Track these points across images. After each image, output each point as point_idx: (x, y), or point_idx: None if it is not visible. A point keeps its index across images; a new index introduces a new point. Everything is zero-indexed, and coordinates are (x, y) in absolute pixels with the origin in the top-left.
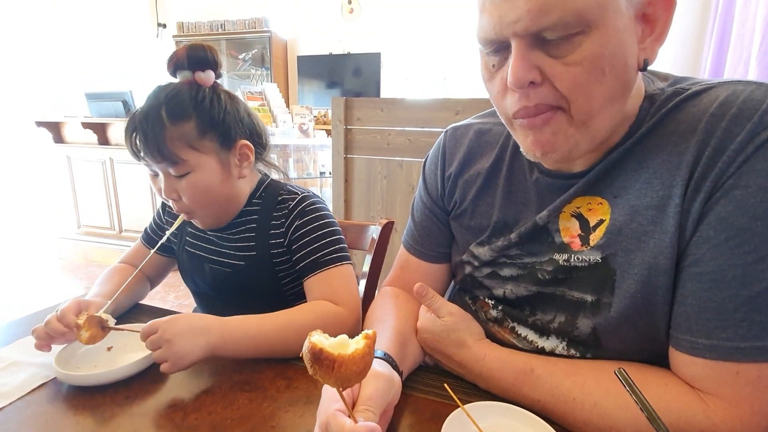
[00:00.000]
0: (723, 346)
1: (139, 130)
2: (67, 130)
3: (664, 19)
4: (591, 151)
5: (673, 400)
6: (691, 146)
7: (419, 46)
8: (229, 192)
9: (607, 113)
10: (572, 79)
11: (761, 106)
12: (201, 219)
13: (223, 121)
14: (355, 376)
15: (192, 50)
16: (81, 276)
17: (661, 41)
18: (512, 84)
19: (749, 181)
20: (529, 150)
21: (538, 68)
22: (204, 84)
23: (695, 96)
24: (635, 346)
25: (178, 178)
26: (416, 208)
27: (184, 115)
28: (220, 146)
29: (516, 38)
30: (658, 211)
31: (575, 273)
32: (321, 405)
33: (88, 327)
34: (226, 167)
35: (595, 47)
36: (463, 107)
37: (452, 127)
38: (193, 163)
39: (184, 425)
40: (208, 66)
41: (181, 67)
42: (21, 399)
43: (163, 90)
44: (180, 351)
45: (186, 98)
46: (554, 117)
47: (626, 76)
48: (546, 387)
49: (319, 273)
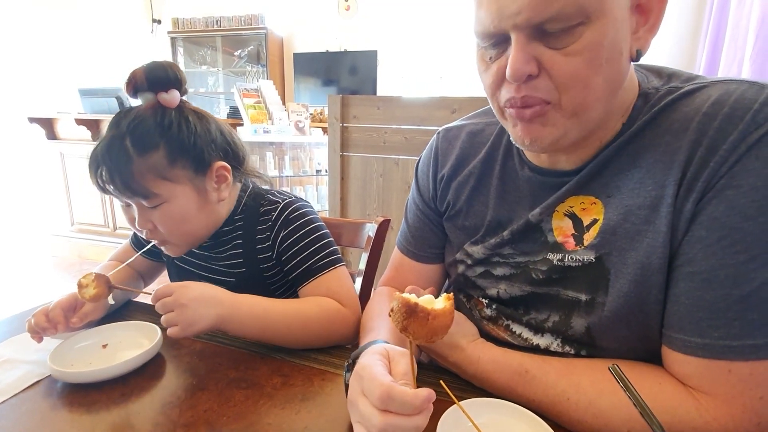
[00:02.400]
0: (715, 344)
1: (103, 164)
2: (60, 126)
3: (657, 9)
4: (581, 140)
5: (667, 399)
6: (683, 146)
7: (416, 45)
8: (208, 217)
9: (601, 104)
10: (571, 70)
11: (753, 105)
12: (175, 248)
13: (195, 146)
14: (443, 329)
15: (151, 70)
16: (74, 273)
17: (654, 31)
18: (511, 77)
19: (741, 181)
20: (517, 138)
21: (536, 60)
22: (169, 106)
23: (688, 95)
24: (629, 345)
25: (151, 209)
26: (409, 209)
27: (150, 144)
28: (194, 173)
29: (516, 30)
30: (651, 211)
31: (569, 273)
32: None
33: (96, 285)
34: (202, 193)
35: (596, 37)
36: (460, 105)
37: (444, 129)
38: (166, 195)
39: (180, 422)
40: (171, 85)
41: (141, 89)
42: (15, 396)
43: (124, 117)
44: (191, 317)
45: (151, 125)
46: (543, 110)
47: (621, 66)
48: (540, 387)
49: (314, 280)
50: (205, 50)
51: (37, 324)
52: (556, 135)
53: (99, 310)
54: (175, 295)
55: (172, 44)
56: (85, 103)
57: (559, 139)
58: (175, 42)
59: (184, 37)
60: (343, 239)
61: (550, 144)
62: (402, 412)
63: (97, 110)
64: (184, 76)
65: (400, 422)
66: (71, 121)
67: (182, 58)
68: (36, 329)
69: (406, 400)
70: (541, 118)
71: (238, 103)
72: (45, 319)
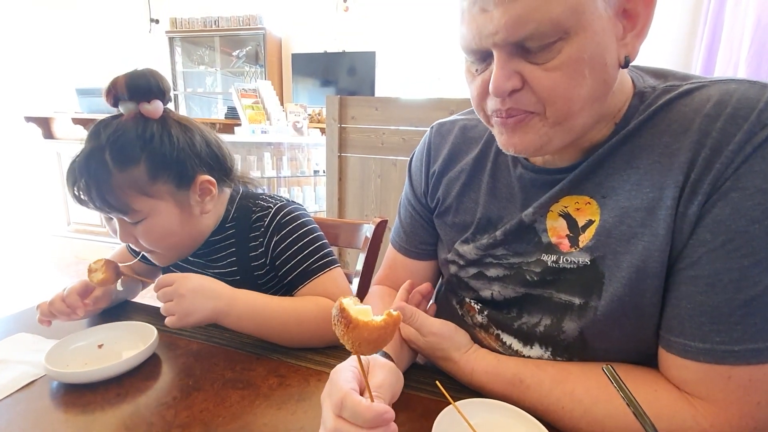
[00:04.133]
0: (717, 349)
1: (80, 178)
2: (56, 125)
3: (645, 14)
4: (567, 146)
5: (663, 406)
6: (684, 147)
7: (414, 46)
8: (193, 230)
9: (586, 112)
10: (551, 85)
11: (757, 105)
12: (161, 258)
13: (177, 160)
14: (367, 344)
15: (132, 79)
16: (71, 273)
17: (642, 37)
18: (493, 93)
19: (747, 183)
20: (503, 145)
21: (519, 74)
22: (151, 116)
23: (686, 94)
24: (622, 348)
25: (132, 224)
26: (402, 205)
27: (131, 158)
28: (177, 187)
29: (496, 48)
30: (647, 214)
31: (563, 275)
32: (331, 387)
33: (105, 270)
34: (185, 207)
35: (574, 52)
36: (457, 106)
37: (438, 123)
38: (147, 211)
39: (176, 423)
40: (153, 95)
41: (122, 98)
42: (10, 396)
43: (105, 129)
44: (188, 307)
45: (132, 138)
46: (527, 119)
47: (606, 75)
48: (535, 396)
49: (310, 283)
50: (203, 50)
51: (58, 309)
52: (540, 143)
53: (107, 297)
54: (175, 285)
55: (170, 44)
56: (82, 102)
57: (543, 146)
58: (173, 42)
59: (182, 37)
60: (341, 240)
61: (534, 151)
62: (353, 422)
63: (94, 110)
64: (168, 84)
65: (350, 430)
66: (68, 121)
67: (180, 57)
68: (53, 314)
69: (357, 410)
70: (524, 127)
71: (236, 104)
72: (63, 304)
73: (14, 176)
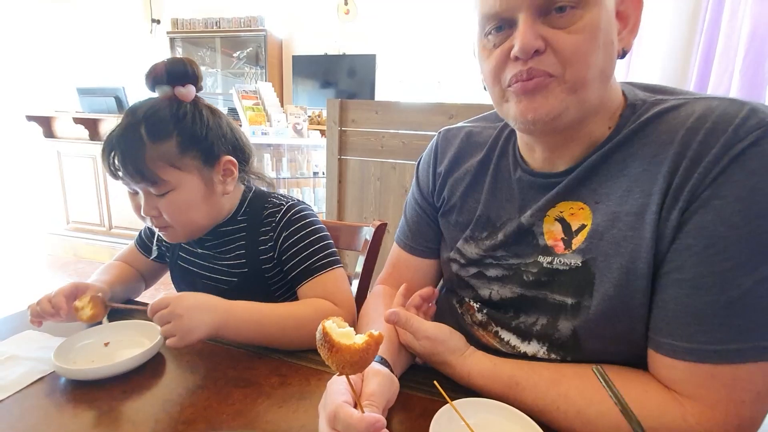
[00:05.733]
0: (701, 349)
1: (116, 149)
2: (57, 125)
3: (635, 15)
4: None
5: (653, 405)
6: (668, 157)
7: (414, 49)
8: (211, 209)
9: (596, 84)
10: (574, 46)
11: (734, 120)
12: (176, 235)
13: (206, 138)
14: (350, 366)
15: (171, 64)
16: (70, 272)
17: (634, 33)
18: (520, 51)
19: (727, 192)
20: (520, 115)
21: (542, 37)
22: (185, 99)
23: (673, 109)
24: (614, 347)
25: (158, 197)
26: (408, 204)
27: (164, 133)
28: (203, 163)
29: (524, 10)
30: (636, 218)
31: (557, 276)
32: (326, 398)
33: (92, 306)
34: (209, 184)
35: (594, 19)
36: (457, 111)
37: (445, 129)
38: (174, 182)
39: (181, 419)
40: (188, 80)
41: (159, 81)
42: (19, 392)
43: (141, 106)
44: (188, 325)
45: (166, 115)
46: (546, 82)
47: (612, 56)
48: (531, 398)
49: (313, 279)
50: (203, 51)
51: (43, 309)
52: (557, 109)
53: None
54: (170, 307)
55: (171, 44)
56: (83, 102)
57: (560, 114)
58: (174, 42)
59: (182, 38)
60: (340, 242)
61: (551, 119)
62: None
63: (95, 109)
64: (201, 73)
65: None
66: (69, 120)
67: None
68: (40, 314)
69: (349, 422)
70: (543, 90)
71: (236, 105)
72: (49, 305)
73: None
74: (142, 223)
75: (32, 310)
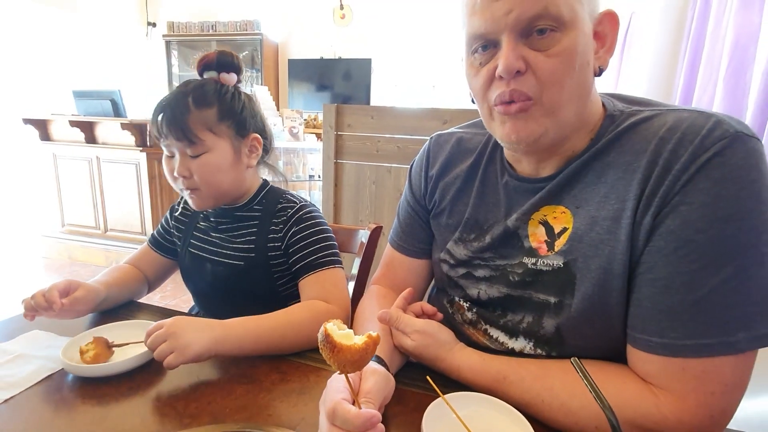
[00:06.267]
0: (672, 343)
1: (166, 111)
2: (54, 127)
3: (612, 35)
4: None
5: (630, 397)
6: (641, 166)
7: (409, 54)
8: (236, 177)
9: (573, 105)
10: (551, 69)
11: (701, 131)
12: (202, 199)
13: (241, 113)
14: (351, 365)
15: (222, 54)
16: (65, 275)
17: (611, 52)
18: (503, 71)
19: (693, 198)
20: (505, 137)
21: (523, 59)
22: (227, 83)
23: (647, 120)
24: (594, 343)
25: (193, 158)
26: (401, 207)
27: (207, 102)
28: (235, 134)
29: (507, 32)
30: (613, 222)
31: (540, 276)
32: (326, 395)
33: (95, 347)
34: (237, 154)
35: (571, 43)
36: (451, 116)
37: (437, 134)
38: (209, 144)
39: (186, 413)
40: (232, 69)
41: (209, 67)
42: (29, 389)
43: (191, 82)
44: (184, 340)
45: (210, 90)
46: (527, 106)
47: (588, 76)
48: (518, 392)
49: (314, 274)
50: (199, 54)
51: (37, 303)
52: (537, 132)
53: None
54: (165, 328)
55: (167, 47)
56: (79, 105)
57: (540, 135)
58: (170, 45)
59: (178, 41)
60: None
61: (534, 140)
62: (345, 429)
63: (91, 112)
64: (243, 66)
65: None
66: (65, 123)
67: (176, 60)
68: (33, 308)
69: (347, 417)
70: (524, 114)
71: None
72: (43, 299)
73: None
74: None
75: (26, 304)
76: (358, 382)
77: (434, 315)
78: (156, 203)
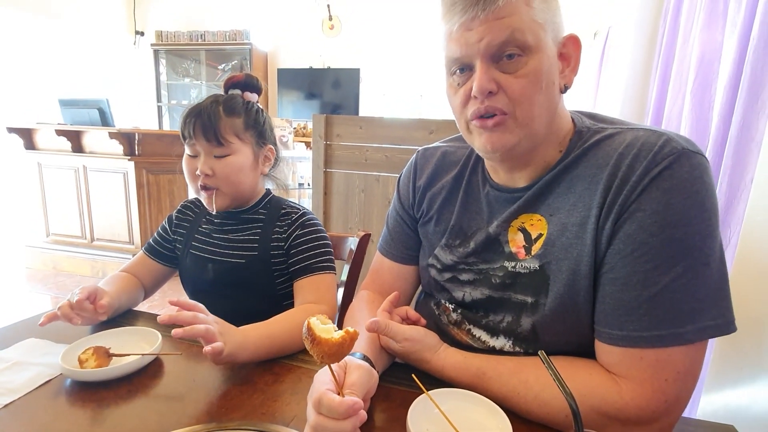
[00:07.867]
0: (631, 335)
1: (199, 117)
2: (39, 136)
3: (575, 56)
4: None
5: (596, 386)
6: (603, 178)
7: (397, 63)
8: (252, 180)
9: (543, 119)
10: (521, 89)
11: (653, 148)
12: (221, 197)
13: (262, 125)
14: (328, 357)
15: (248, 77)
16: (49, 285)
17: (575, 72)
18: (477, 92)
19: (646, 206)
20: (482, 147)
21: (495, 81)
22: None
23: (610, 137)
24: (566, 339)
25: (217, 159)
26: (390, 216)
27: (235, 112)
28: (256, 142)
29: (480, 57)
30: (580, 228)
31: (519, 279)
32: (313, 387)
33: (96, 357)
34: (256, 159)
35: (537, 65)
36: (437, 127)
37: (423, 148)
38: (235, 148)
39: (184, 414)
40: (255, 90)
41: (236, 86)
42: (28, 394)
43: (222, 95)
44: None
45: (238, 102)
46: (503, 120)
47: (555, 94)
48: (496, 386)
49: (310, 276)
50: (188, 63)
51: (63, 314)
52: (512, 142)
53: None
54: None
55: (155, 56)
56: (65, 113)
57: (514, 145)
58: (158, 54)
59: (167, 50)
60: None
61: (508, 150)
62: (330, 416)
63: (77, 121)
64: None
65: (328, 424)
66: (51, 132)
67: (165, 69)
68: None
69: (331, 406)
70: (501, 127)
71: None
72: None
73: None
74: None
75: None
76: (343, 375)
77: (418, 321)
78: (144, 212)
